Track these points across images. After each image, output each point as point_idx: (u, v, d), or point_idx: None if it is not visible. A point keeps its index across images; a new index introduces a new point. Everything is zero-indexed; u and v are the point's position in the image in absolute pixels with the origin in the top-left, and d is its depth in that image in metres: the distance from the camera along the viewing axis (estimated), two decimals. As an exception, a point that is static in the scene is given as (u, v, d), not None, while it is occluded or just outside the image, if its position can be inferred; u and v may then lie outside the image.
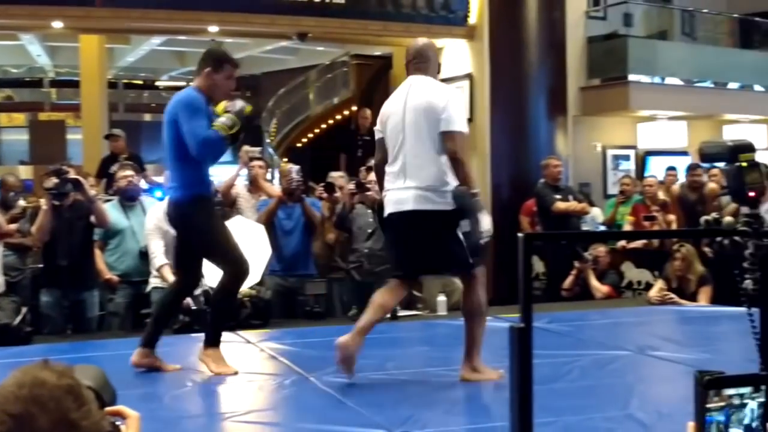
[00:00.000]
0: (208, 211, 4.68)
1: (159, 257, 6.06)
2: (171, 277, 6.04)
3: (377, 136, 4.58)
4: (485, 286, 4.49)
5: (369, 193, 6.70)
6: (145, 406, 4.03)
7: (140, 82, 25.66)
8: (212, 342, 4.71)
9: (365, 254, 6.76)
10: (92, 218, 6.06)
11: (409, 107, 4.37)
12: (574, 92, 11.69)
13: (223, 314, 4.79)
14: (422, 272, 4.94)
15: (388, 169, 4.46)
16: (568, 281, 7.94)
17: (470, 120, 11.09)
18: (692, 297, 7.02)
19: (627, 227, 8.92)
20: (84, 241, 6.12)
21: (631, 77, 12.12)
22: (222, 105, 4.66)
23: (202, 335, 5.65)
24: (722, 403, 1.69)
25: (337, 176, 7.17)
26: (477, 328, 4.38)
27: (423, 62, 4.53)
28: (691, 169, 8.86)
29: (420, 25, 11.19)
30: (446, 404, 3.96)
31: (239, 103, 4.68)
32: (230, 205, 6.75)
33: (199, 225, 4.61)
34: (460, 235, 4.27)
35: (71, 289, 6.04)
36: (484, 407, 3.83)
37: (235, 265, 4.66)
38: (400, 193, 4.39)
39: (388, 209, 4.45)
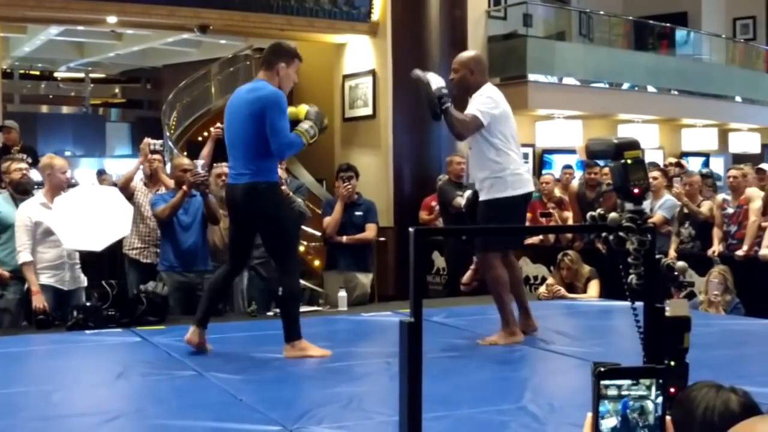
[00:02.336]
0: (278, 199, 4.98)
1: (24, 254, 5.92)
2: (32, 276, 5.89)
3: (489, 118, 5.17)
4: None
5: (283, 187, 6.65)
6: (32, 405, 3.93)
7: (37, 72, 24.91)
8: (294, 336, 4.85)
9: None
10: None
11: None
12: (475, 90, 11.82)
13: (294, 310, 4.92)
14: None
15: (515, 156, 5.24)
16: (466, 276, 8.03)
17: (373, 116, 11.16)
18: (583, 292, 7.28)
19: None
20: None
21: (530, 77, 12.35)
22: (302, 109, 4.99)
23: (97, 331, 5.57)
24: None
25: (225, 166, 7.10)
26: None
27: None
28: (588, 167, 9.06)
29: (323, 20, 11.20)
30: (343, 399, 3.96)
31: (315, 110, 4.99)
32: (128, 198, 6.62)
33: (270, 213, 4.85)
34: None
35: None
36: (381, 401, 3.84)
37: (292, 260, 4.97)
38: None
39: (530, 188, 5.34)
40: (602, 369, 1.61)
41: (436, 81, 5.21)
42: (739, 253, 7.64)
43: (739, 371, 4.06)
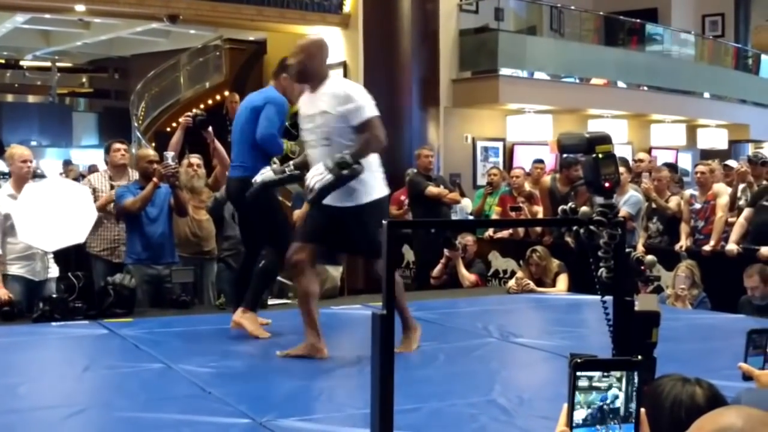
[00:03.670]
0: (267, 192, 5.13)
1: None
2: None
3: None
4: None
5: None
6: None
7: (2, 61, 24.64)
8: (251, 305, 5.16)
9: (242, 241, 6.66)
10: None
11: None
12: (446, 84, 11.85)
13: (264, 283, 5.34)
14: None
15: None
16: (436, 269, 8.06)
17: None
18: (551, 287, 7.33)
19: (494, 218, 9.12)
20: None
21: (501, 71, 12.36)
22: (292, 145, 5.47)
23: (63, 323, 5.50)
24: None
25: (194, 156, 7.04)
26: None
27: None
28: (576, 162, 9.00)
29: (294, 12, 11.15)
30: (313, 392, 3.96)
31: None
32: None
33: (261, 203, 5.07)
34: None
35: None
36: (350, 394, 3.84)
37: (282, 246, 5.01)
38: None
39: (387, 190, 5.21)
40: (578, 360, 1.61)
41: (317, 175, 4.41)
42: (706, 248, 7.71)
43: (705, 364, 4.10)
